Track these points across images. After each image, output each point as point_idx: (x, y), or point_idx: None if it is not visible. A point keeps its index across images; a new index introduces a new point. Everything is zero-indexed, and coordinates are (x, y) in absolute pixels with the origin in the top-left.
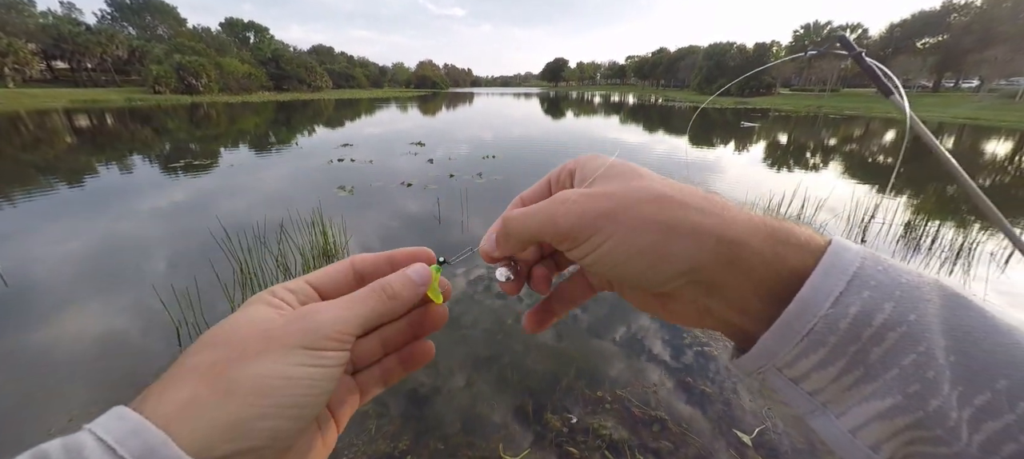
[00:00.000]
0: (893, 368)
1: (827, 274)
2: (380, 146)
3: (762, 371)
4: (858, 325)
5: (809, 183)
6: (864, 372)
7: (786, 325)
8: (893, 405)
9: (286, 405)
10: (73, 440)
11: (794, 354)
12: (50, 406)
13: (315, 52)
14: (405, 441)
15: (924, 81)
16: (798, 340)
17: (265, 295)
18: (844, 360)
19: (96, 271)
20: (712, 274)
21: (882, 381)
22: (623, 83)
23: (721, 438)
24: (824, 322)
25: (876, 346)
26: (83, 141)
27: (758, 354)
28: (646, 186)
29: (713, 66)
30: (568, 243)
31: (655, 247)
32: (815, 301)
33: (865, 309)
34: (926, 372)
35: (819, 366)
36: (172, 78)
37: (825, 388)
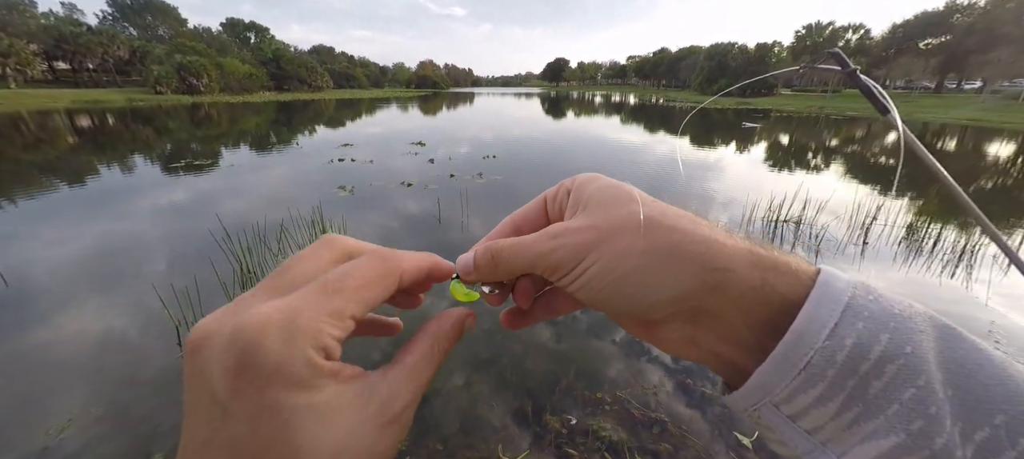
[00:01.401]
0: (894, 403)
1: (820, 304)
2: (380, 146)
3: (757, 408)
4: (855, 358)
5: (810, 184)
6: (864, 408)
7: (782, 357)
8: (897, 444)
9: None
10: None
11: (791, 389)
12: (50, 406)
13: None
14: (404, 441)
15: (926, 82)
16: (795, 374)
17: (322, 364)
18: (843, 395)
19: (96, 271)
20: (698, 301)
21: (883, 418)
22: (624, 83)
23: (721, 440)
24: (821, 354)
25: (875, 380)
26: (85, 141)
27: (753, 389)
28: (634, 212)
29: (714, 66)
30: (557, 275)
31: (639, 275)
32: (810, 332)
33: (861, 341)
34: (928, 407)
35: (818, 402)
36: (173, 78)
37: (825, 426)
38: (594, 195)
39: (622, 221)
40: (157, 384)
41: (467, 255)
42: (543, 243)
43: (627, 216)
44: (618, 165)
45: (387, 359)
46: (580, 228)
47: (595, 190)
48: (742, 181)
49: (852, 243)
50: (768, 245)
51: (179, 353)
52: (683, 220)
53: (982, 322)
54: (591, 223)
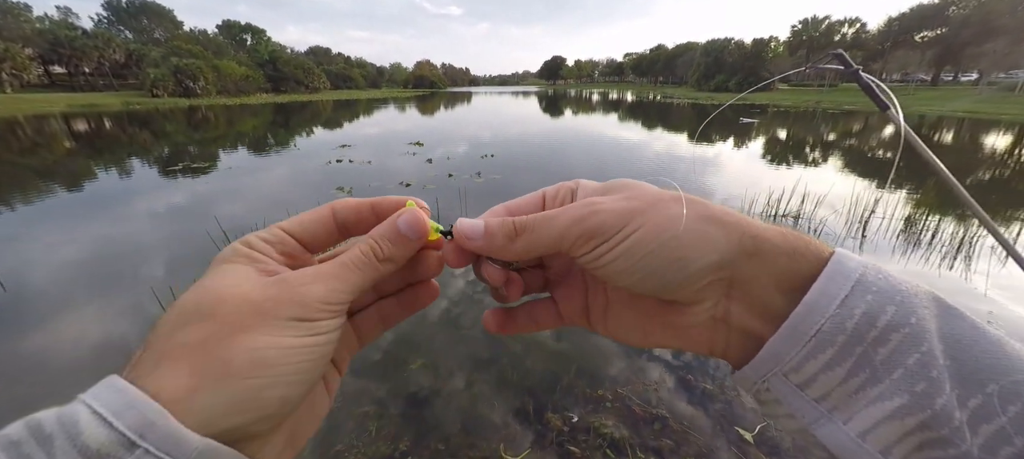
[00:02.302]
0: (898, 368)
1: (832, 279)
2: (378, 146)
3: (767, 379)
4: (863, 326)
5: (809, 179)
6: (870, 374)
7: (794, 326)
8: (901, 405)
9: (288, 373)
10: (68, 411)
11: (802, 356)
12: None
13: (312, 53)
14: (405, 442)
15: (922, 75)
16: (806, 340)
17: (241, 248)
18: (851, 361)
19: (94, 275)
20: (738, 268)
21: (889, 382)
22: (621, 81)
23: (723, 436)
24: (831, 322)
25: (881, 347)
26: (82, 145)
27: (766, 358)
28: (670, 188)
29: (711, 62)
30: (594, 242)
31: (686, 237)
32: (822, 303)
33: (870, 311)
34: (930, 371)
35: (826, 367)
36: (169, 81)
37: (832, 392)
38: (622, 182)
39: (661, 194)
40: None
41: (473, 221)
42: (578, 210)
43: (664, 192)
44: (616, 162)
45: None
46: (619, 199)
47: (622, 181)
48: (740, 176)
49: (851, 236)
50: (792, 230)
51: None
52: (712, 203)
53: (981, 313)
54: (629, 195)
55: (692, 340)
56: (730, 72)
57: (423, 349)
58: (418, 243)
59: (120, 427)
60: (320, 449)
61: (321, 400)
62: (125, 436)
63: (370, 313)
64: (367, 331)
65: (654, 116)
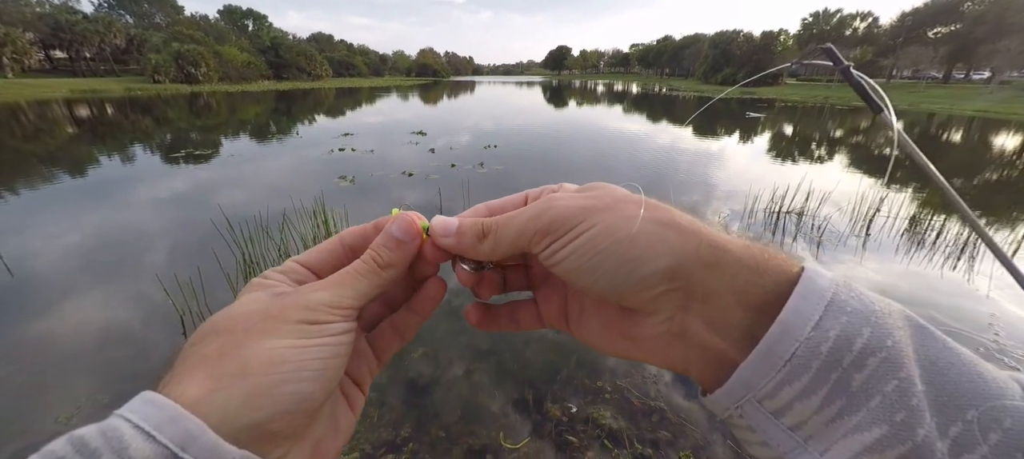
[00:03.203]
0: (876, 395)
1: (805, 298)
2: (381, 135)
3: (740, 405)
4: (839, 350)
5: (814, 175)
6: (847, 401)
7: (768, 349)
8: (881, 436)
9: (301, 369)
10: (110, 427)
11: (776, 382)
12: (57, 395)
13: (314, 40)
14: (407, 428)
15: (934, 72)
16: (781, 366)
17: (257, 281)
18: (827, 387)
19: (99, 261)
20: (694, 278)
21: (866, 410)
22: (627, 72)
23: (719, 429)
24: (806, 346)
25: (858, 372)
26: (84, 131)
27: (738, 385)
28: (633, 191)
29: (719, 55)
30: (549, 238)
31: (639, 239)
32: (796, 324)
33: (845, 334)
34: (910, 399)
35: (802, 395)
36: (171, 67)
37: (808, 421)
38: (595, 184)
39: (622, 195)
40: (162, 373)
41: (448, 218)
42: (535, 208)
43: (626, 193)
44: (619, 154)
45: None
46: (577, 196)
47: (596, 184)
48: (745, 172)
49: (854, 235)
50: (756, 242)
51: (183, 342)
52: (677, 210)
53: (983, 314)
54: (589, 194)
55: (650, 352)
56: (738, 65)
57: (424, 338)
58: (413, 244)
59: (164, 440)
60: None
61: (345, 417)
62: (169, 449)
63: (384, 328)
64: (384, 346)
65: (659, 109)
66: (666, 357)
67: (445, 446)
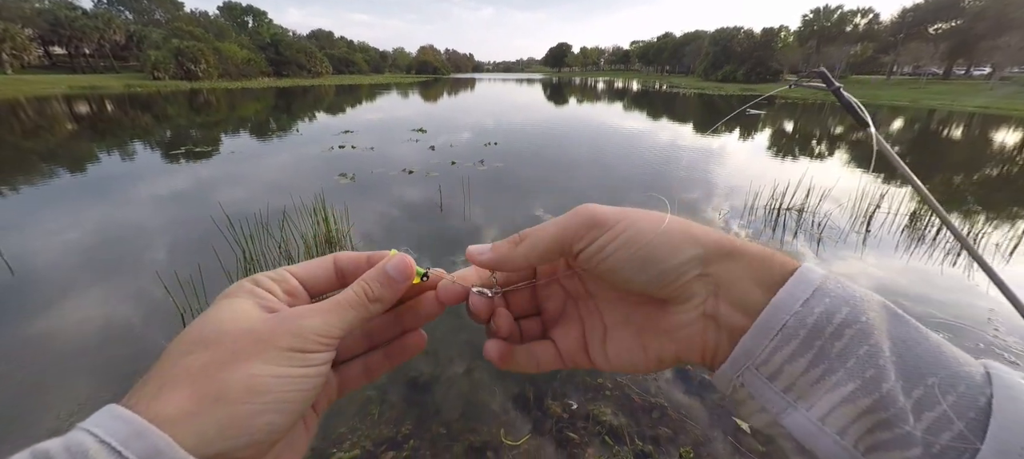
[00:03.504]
0: (851, 358)
1: (797, 284)
2: (381, 133)
3: (741, 373)
4: (822, 323)
5: (814, 172)
6: (828, 365)
7: (763, 323)
8: (854, 388)
9: (279, 401)
10: (74, 441)
11: (770, 349)
12: (57, 393)
13: (314, 37)
14: (407, 426)
15: (934, 68)
16: (773, 335)
17: (248, 285)
18: (812, 353)
19: (99, 258)
20: (719, 265)
21: (843, 370)
22: (627, 69)
23: (720, 425)
24: (795, 319)
25: (837, 340)
26: (84, 128)
27: (740, 353)
28: (654, 209)
29: (719, 51)
30: (595, 231)
31: (666, 238)
32: (786, 304)
33: (827, 311)
34: (878, 360)
35: (790, 359)
36: (170, 64)
37: (796, 382)
38: None
39: (644, 211)
40: None
41: (482, 246)
42: (570, 213)
43: (647, 210)
44: (619, 151)
45: None
46: (608, 211)
47: None
48: (745, 169)
49: (854, 231)
50: (757, 245)
51: None
52: None
53: (981, 310)
54: (615, 209)
55: (687, 343)
56: (738, 62)
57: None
58: (404, 284)
59: (129, 455)
60: (323, 432)
61: (300, 437)
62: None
63: (356, 364)
64: (349, 380)
65: (659, 106)
66: (700, 344)
67: (446, 443)
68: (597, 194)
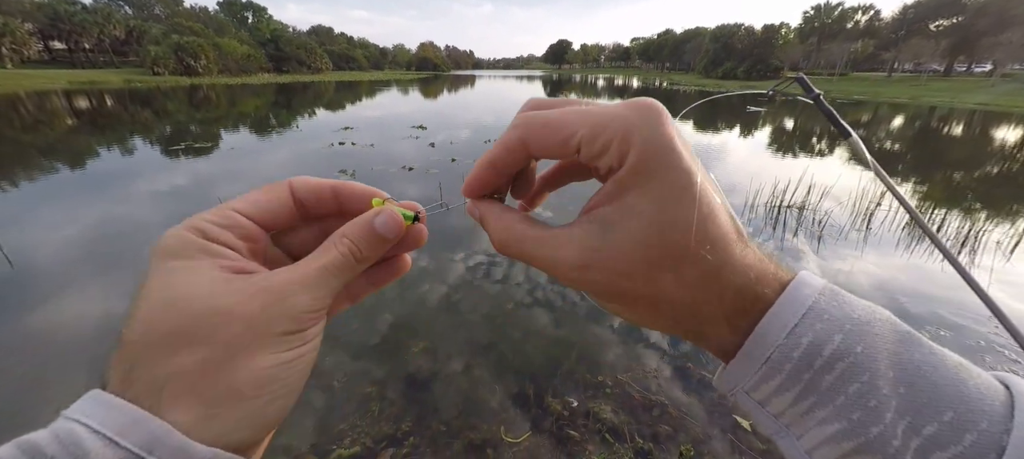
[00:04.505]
0: (841, 395)
1: (784, 307)
2: (381, 129)
3: (734, 393)
4: (810, 355)
5: (815, 170)
6: (817, 398)
7: (746, 354)
8: (839, 430)
9: (286, 385)
10: (64, 431)
11: (756, 379)
12: (57, 386)
13: (314, 33)
14: (407, 423)
15: (935, 65)
16: (758, 367)
17: (197, 241)
18: (799, 386)
19: (99, 253)
20: (691, 326)
21: (832, 407)
22: (627, 66)
23: (719, 423)
24: (780, 351)
25: (827, 374)
26: (84, 123)
27: (726, 379)
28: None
29: (720, 48)
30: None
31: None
32: (771, 333)
33: (816, 340)
34: (869, 401)
35: (777, 391)
36: (170, 59)
37: (785, 411)
38: (632, 234)
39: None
40: None
41: (476, 212)
42: (564, 270)
43: (661, 287)
44: None
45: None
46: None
47: (638, 214)
48: (745, 166)
49: (855, 229)
50: (764, 255)
51: None
52: (717, 250)
53: (982, 308)
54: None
55: None
56: (738, 59)
57: (423, 333)
58: (395, 241)
59: (127, 445)
60: (323, 428)
61: None
62: (133, 453)
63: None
64: (333, 307)
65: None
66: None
67: (446, 440)
68: None
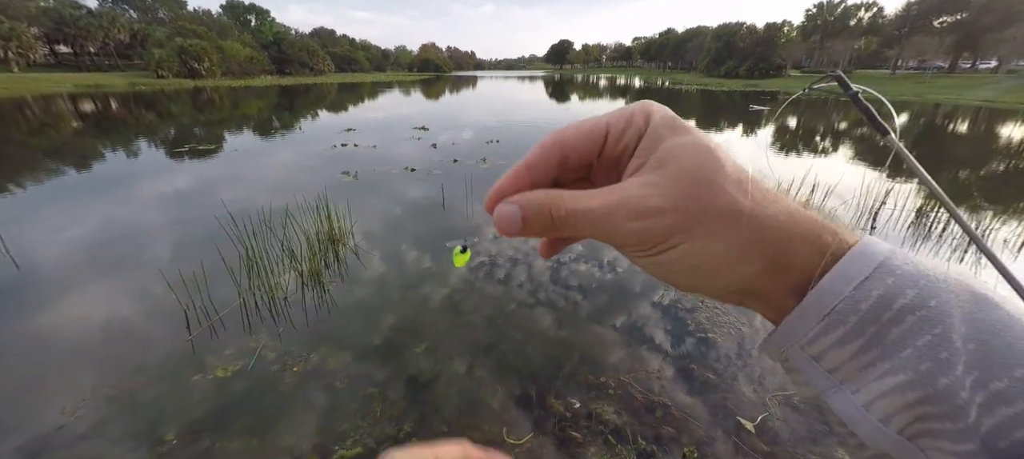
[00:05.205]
0: (908, 347)
1: (852, 263)
2: (383, 131)
3: (785, 350)
4: (878, 308)
5: (819, 168)
6: (881, 351)
7: (807, 307)
8: (904, 381)
9: None
10: None
11: (815, 333)
12: (64, 386)
13: (317, 35)
14: (409, 423)
15: (940, 62)
16: (819, 320)
17: None
18: (863, 339)
19: (103, 255)
20: (755, 284)
21: (897, 359)
22: (629, 65)
23: (724, 424)
24: (846, 303)
25: (895, 327)
26: (89, 126)
27: (780, 336)
28: (724, 202)
29: (722, 47)
30: (630, 250)
31: (714, 264)
32: (836, 286)
33: (887, 294)
34: (939, 353)
35: (837, 344)
36: (174, 62)
37: (842, 366)
38: (679, 160)
39: (711, 211)
40: (166, 367)
41: (509, 208)
42: (620, 221)
43: (716, 205)
44: None
45: None
46: (661, 209)
47: (679, 151)
48: (748, 165)
49: (860, 228)
50: (833, 221)
51: (188, 336)
52: (765, 205)
53: None
54: (674, 203)
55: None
56: (741, 58)
57: (425, 334)
58: None
59: None
60: (325, 429)
61: None
62: None
63: None
64: None
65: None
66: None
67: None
68: None
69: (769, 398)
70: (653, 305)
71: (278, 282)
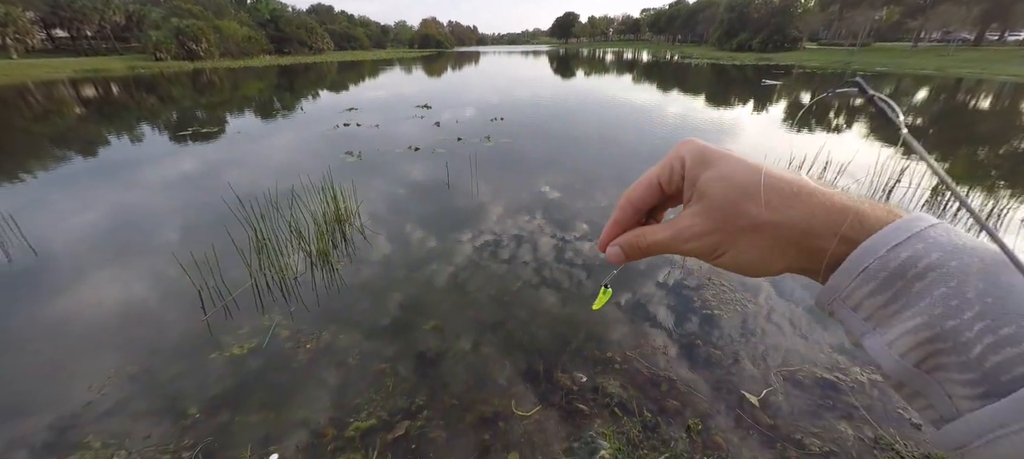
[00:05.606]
0: (927, 297)
1: (889, 231)
2: (385, 110)
3: (831, 303)
4: (905, 266)
5: (832, 146)
6: (906, 301)
7: (848, 266)
8: (920, 323)
9: None
10: None
11: (851, 287)
12: (89, 366)
13: (314, 12)
14: (420, 397)
15: (966, 34)
16: (855, 276)
17: None
18: (891, 290)
19: (116, 239)
20: (800, 264)
21: (917, 307)
22: (637, 39)
23: (727, 398)
24: (877, 263)
25: (919, 282)
26: (92, 111)
27: (825, 291)
28: (750, 216)
29: (734, 18)
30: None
31: (759, 260)
32: (873, 248)
33: (913, 256)
34: (950, 301)
35: (870, 295)
36: (172, 44)
37: (875, 313)
38: (712, 192)
39: (741, 226)
40: (184, 346)
41: (614, 249)
42: (682, 243)
43: (741, 223)
44: (627, 126)
45: None
46: (705, 232)
47: (711, 186)
48: (760, 142)
49: None
50: (873, 203)
51: (203, 316)
52: (798, 203)
53: None
54: (714, 226)
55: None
56: (754, 30)
57: (432, 313)
58: None
59: None
60: (340, 403)
61: None
62: None
63: None
64: None
65: (670, 78)
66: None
67: (458, 413)
68: (605, 170)
69: (774, 373)
70: (658, 284)
71: (288, 263)
